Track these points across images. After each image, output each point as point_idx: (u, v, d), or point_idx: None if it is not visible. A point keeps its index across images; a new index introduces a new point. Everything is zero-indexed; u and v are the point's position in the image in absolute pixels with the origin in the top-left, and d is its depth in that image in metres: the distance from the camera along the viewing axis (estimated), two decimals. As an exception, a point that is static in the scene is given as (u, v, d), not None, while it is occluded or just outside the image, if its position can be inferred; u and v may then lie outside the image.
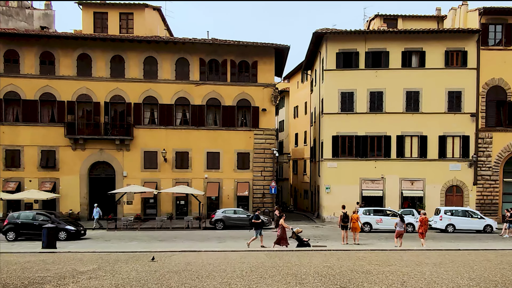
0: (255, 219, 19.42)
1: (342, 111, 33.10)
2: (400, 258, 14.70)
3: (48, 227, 18.27)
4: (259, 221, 19.36)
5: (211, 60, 33.35)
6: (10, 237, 22.48)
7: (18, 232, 22.67)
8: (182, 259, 14.59)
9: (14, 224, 22.73)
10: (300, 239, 18.73)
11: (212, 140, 33.29)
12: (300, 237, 18.81)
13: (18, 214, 23.55)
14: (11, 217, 23.14)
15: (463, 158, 32.56)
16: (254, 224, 19.47)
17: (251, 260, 14.00)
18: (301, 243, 18.62)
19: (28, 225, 22.75)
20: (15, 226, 22.70)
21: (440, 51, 32.59)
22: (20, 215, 23.39)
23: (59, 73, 31.86)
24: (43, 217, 23.15)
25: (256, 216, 19.54)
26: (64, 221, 23.64)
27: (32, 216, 23.23)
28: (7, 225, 22.74)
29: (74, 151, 32.05)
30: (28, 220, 22.93)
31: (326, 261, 13.84)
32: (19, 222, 22.81)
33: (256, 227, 19.34)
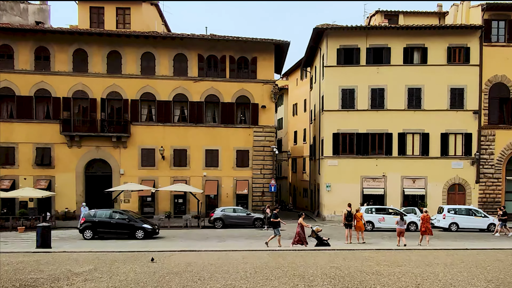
0: (273, 218, 18.83)
1: (342, 108, 32.56)
2: (408, 258, 14.19)
3: (42, 226, 17.63)
4: (277, 220, 18.77)
5: (209, 56, 32.75)
6: (87, 236, 21.93)
7: (95, 231, 22.10)
8: (182, 259, 14.03)
9: (91, 222, 22.14)
10: (319, 238, 18.26)
11: (211, 137, 32.70)
12: (319, 236, 18.34)
13: (94, 212, 22.96)
14: (88, 215, 22.56)
15: (466, 156, 32.10)
16: (273, 223, 18.86)
17: (254, 261, 13.46)
18: (320, 242, 18.14)
19: (105, 224, 22.21)
20: (92, 224, 22.12)
21: (442, 47, 32.09)
22: (97, 213, 22.80)
23: (55, 68, 31.17)
24: (120, 215, 22.73)
25: (275, 215, 18.96)
26: (140, 220, 23.20)
27: (109, 214, 22.72)
28: (84, 223, 22.15)
29: (70, 148, 31.38)
30: (105, 219, 22.39)
31: (332, 261, 13.32)
32: (96, 220, 22.24)
33: (274, 226, 18.74)
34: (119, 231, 22.17)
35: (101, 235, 22.12)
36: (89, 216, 22.45)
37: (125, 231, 22.19)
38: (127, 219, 22.38)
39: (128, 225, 22.20)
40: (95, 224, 22.11)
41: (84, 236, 21.94)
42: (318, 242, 18.16)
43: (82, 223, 22.18)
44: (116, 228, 22.14)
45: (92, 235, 21.95)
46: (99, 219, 22.30)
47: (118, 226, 22.22)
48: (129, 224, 22.20)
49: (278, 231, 18.53)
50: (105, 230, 22.14)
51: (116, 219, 22.45)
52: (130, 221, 22.23)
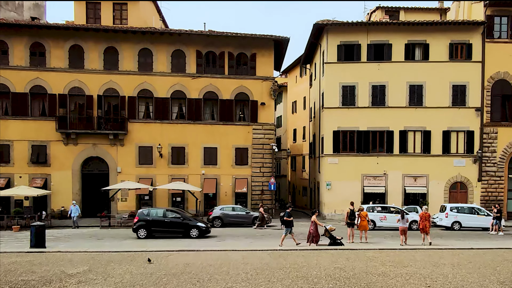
0: (287, 217, 18.36)
1: (343, 105, 32.09)
2: (413, 258, 13.76)
3: (36, 225, 17.13)
4: (291, 219, 18.34)
5: (208, 52, 32.24)
6: (141, 235, 21.48)
7: (150, 230, 21.66)
8: (180, 259, 13.57)
9: (145, 221, 21.70)
10: (333, 237, 17.87)
11: (209, 135, 32.21)
12: (333, 235, 17.95)
13: (147, 211, 22.54)
14: (141, 214, 22.08)
15: (468, 154, 31.69)
16: (286, 222, 18.41)
17: (254, 261, 13.01)
18: (334, 241, 17.74)
19: (159, 222, 21.78)
20: (146, 223, 21.68)
21: (444, 43, 31.64)
22: (150, 212, 22.39)
23: (50, 65, 30.62)
24: (174, 214, 22.26)
25: (288, 213, 18.50)
26: (193, 218, 22.80)
27: (162, 213, 22.26)
28: (138, 222, 21.70)
29: (66, 146, 30.85)
30: (159, 217, 21.96)
31: (335, 261, 12.87)
32: (150, 219, 21.82)
33: (287, 225, 18.29)
34: (173, 230, 21.75)
35: (155, 234, 21.71)
36: (143, 215, 22.01)
37: (180, 230, 21.72)
38: (181, 217, 21.94)
39: (182, 224, 21.73)
40: (149, 223, 21.65)
41: (138, 235, 21.50)
42: (331, 241, 17.78)
43: (135, 222, 21.75)
44: (170, 227, 21.71)
45: (146, 234, 21.50)
46: (153, 218, 21.88)
47: (172, 225, 21.77)
48: (183, 223, 21.73)
49: (290, 230, 18.14)
50: (159, 229, 21.75)
51: (170, 217, 21.98)
52: (184, 220, 21.79)
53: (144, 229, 21.51)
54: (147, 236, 21.41)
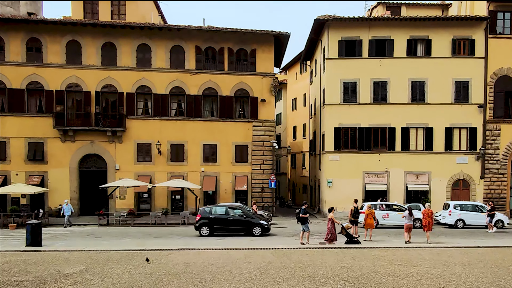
0: (302, 214, 17.98)
1: (344, 101, 31.67)
2: (421, 257, 13.35)
3: (32, 223, 16.68)
4: (306, 216, 18.01)
5: (207, 48, 31.77)
6: (204, 233, 21.25)
7: (212, 227, 21.36)
8: (180, 258, 13.14)
9: (207, 219, 21.44)
10: (350, 236, 17.52)
11: (209, 132, 31.76)
12: (349, 233, 17.59)
13: (209, 208, 22.28)
14: (204, 212, 21.76)
15: (470, 151, 31.31)
16: (302, 219, 18.02)
17: (257, 260, 12.59)
18: (351, 239, 17.37)
19: (222, 220, 21.49)
20: (209, 221, 21.40)
21: (447, 39, 31.23)
22: (213, 210, 22.12)
23: (47, 60, 30.12)
24: (237, 212, 21.94)
25: (303, 210, 18.12)
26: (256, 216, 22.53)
27: (224, 211, 21.94)
28: (200, 220, 21.38)
29: (64, 143, 30.38)
30: (221, 215, 21.66)
31: (341, 260, 12.46)
32: (212, 217, 21.55)
33: (303, 222, 17.97)
34: (236, 227, 21.50)
35: (218, 232, 21.44)
36: (205, 212, 21.71)
37: (242, 228, 21.46)
38: (244, 215, 21.61)
39: (245, 222, 21.43)
40: (211, 220, 21.39)
41: (201, 233, 21.26)
42: (348, 239, 17.43)
43: (198, 220, 21.44)
44: (233, 225, 21.42)
45: (209, 232, 21.20)
46: (216, 215, 21.61)
47: (235, 222, 21.46)
48: (246, 221, 21.40)
49: (307, 227, 17.90)
50: (221, 227, 21.46)
51: (232, 215, 21.69)
52: (246, 218, 21.45)
53: (207, 226, 21.27)
54: (209, 234, 21.14)
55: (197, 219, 21.58)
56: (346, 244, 17.05)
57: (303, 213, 17.99)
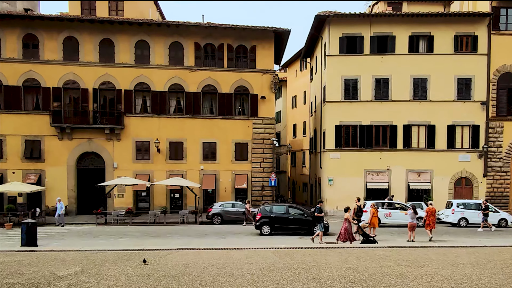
0: (318, 212, 17.57)
1: (345, 99, 31.28)
2: (427, 256, 12.97)
3: (27, 222, 16.26)
4: (322, 215, 17.68)
5: (206, 45, 31.31)
6: (265, 231, 21.01)
7: (273, 226, 21.08)
8: (180, 259, 12.75)
9: (268, 218, 21.16)
10: (366, 235, 17.18)
11: (208, 129, 31.33)
12: (366, 232, 17.26)
13: (270, 207, 21.99)
14: (264, 211, 21.49)
15: (473, 149, 30.95)
16: (317, 218, 17.61)
17: (259, 260, 12.20)
18: (367, 239, 17.02)
19: (282, 219, 21.19)
20: (270, 220, 21.12)
21: (449, 35, 30.83)
22: (273, 208, 21.83)
23: (44, 57, 29.64)
24: (297, 211, 21.70)
25: (319, 209, 17.73)
26: None
27: (285, 209, 21.69)
28: (261, 219, 21.13)
29: (61, 141, 29.92)
30: (282, 214, 21.36)
31: (346, 261, 12.07)
32: (273, 215, 21.27)
33: (318, 221, 17.62)
34: (296, 226, 21.18)
35: (278, 231, 21.14)
36: (266, 211, 21.46)
37: (303, 227, 21.06)
38: (305, 214, 21.28)
39: (306, 221, 21.04)
40: (272, 219, 21.11)
41: (262, 231, 21.00)
42: (364, 239, 17.08)
43: (259, 219, 21.15)
44: (293, 224, 21.11)
45: (270, 231, 20.96)
46: (276, 214, 21.32)
47: (296, 221, 21.17)
48: (307, 220, 20.99)
49: (322, 226, 17.54)
50: (282, 226, 21.16)
51: (293, 214, 21.38)
52: (307, 217, 21.06)
53: (267, 225, 21.03)
54: (270, 233, 20.88)
55: (257, 218, 21.32)
56: (362, 243, 16.73)
57: (318, 212, 17.63)
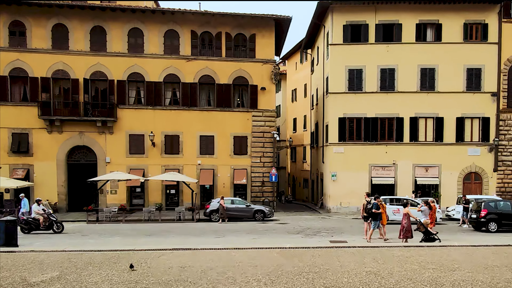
0: (375, 209, 16.18)
1: (349, 90, 29.84)
2: (451, 257, 11.58)
3: (6, 220, 14.74)
4: (379, 211, 16.31)
5: (203, 33, 29.78)
6: (492, 228, 19.96)
7: (500, 223, 20.05)
8: (174, 260, 11.30)
9: (496, 214, 20.11)
10: (428, 232, 15.81)
11: (206, 122, 29.83)
12: (428, 229, 15.86)
13: (494, 204, 20.67)
14: (489, 207, 20.24)
15: (483, 142, 29.59)
16: (373, 215, 16.22)
17: (264, 263, 10.75)
18: (428, 236, 15.72)
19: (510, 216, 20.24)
20: (498, 216, 20.07)
21: (458, 23, 29.40)
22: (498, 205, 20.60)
23: (32, 45, 28.05)
24: None
25: (376, 205, 16.30)
26: None
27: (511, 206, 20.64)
28: (487, 215, 20.04)
29: (50, 134, 28.38)
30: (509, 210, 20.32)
31: (362, 263, 10.64)
32: (499, 212, 20.21)
33: (374, 218, 16.29)
34: None
35: (505, 227, 20.02)
36: (491, 207, 20.31)
37: None
38: None
39: None
40: (500, 216, 20.12)
41: (489, 228, 19.90)
42: (425, 236, 15.77)
43: (484, 215, 20.00)
44: None
45: (496, 228, 19.95)
46: (503, 210, 20.27)
47: None
48: None
49: (377, 224, 16.26)
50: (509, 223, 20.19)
51: None
52: None
53: (494, 222, 20.02)
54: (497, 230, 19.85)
55: (483, 214, 20.20)
56: (422, 241, 15.54)
57: (376, 208, 16.23)
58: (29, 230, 19.68)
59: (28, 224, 19.71)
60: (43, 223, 19.77)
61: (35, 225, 19.74)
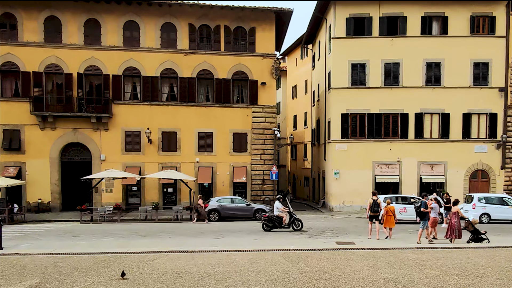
0: (424, 207, 15.21)
1: (352, 85, 28.87)
2: (472, 261, 10.63)
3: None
4: (428, 210, 15.34)
5: (202, 26, 28.77)
6: None
7: None
8: (169, 265, 10.33)
9: None
10: (477, 232, 14.90)
11: (204, 118, 28.85)
12: (477, 229, 14.96)
13: None
14: None
15: (490, 139, 28.65)
16: (422, 214, 15.25)
17: (267, 267, 9.79)
18: (476, 236, 14.83)
19: None
20: None
21: (465, 16, 28.44)
22: None
23: (23, 38, 27.01)
24: None
25: (424, 204, 15.33)
26: None
27: None
28: None
29: (43, 131, 27.37)
30: None
31: (376, 268, 9.68)
32: None
33: (423, 217, 15.28)
34: None
35: None
36: None
37: None
38: None
39: None
40: None
41: None
42: (473, 236, 14.86)
43: None
44: None
45: None
46: None
47: None
48: None
49: (426, 224, 15.23)
50: None
51: None
52: None
53: None
54: None
55: None
56: (472, 241, 14.72)
57: (424, 207, 15.25)
58: (271, 228, 19.02)
59: (271, 222, 19.05)
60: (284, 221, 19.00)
61: (278, 222, 19.02)
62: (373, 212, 16.73)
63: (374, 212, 16.72)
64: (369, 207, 16.85)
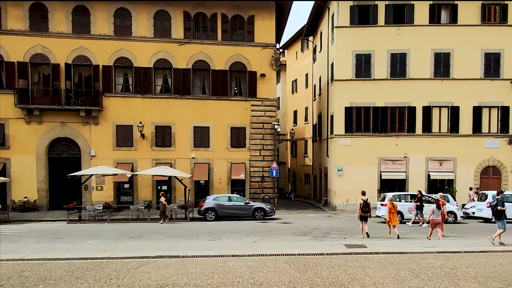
0: (500, 206, 13.58)
1: (357, 77, 27.37)
2: (506, 267, 9.13)
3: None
4: (504, 208, 13.68)
5: (197, 14, 27.21)
6: None
7: None
8: (155, 275, 8.81)
9: None
10: None
11: (200, 112, 27.32)
12: None
13: None
14: None
15: (502, 134, 27.20)
16: (498, 213, 13.66)
17: (270, 278, 8.27)
18: None
19: None
20: None
21: (475, 4, 26.97)
22: None
23: (7, 27, 25.41)
24: None
25: (501, 201, 13.69)
26: None
27: None
28: None
29: (29, 125, 25.80)
30: None
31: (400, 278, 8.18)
32: None
33: (499, 217, 13.68)
34: None
35: None
36: None
37: None
38: None
39: None
40: None
41: None
42: None
43: None
44: None
45: None
46: None
47: None
48: None
49: (504, 223, 13.52)
50: None
51: None
52: None
53: None
54: None
55: None
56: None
57: (501, 205, 13.56)
58: None
59: None
60: None
61: None
62: (364, 212, 15.78)
63: (364, 212, 15.75)
64: (360, 207, 15.82)
